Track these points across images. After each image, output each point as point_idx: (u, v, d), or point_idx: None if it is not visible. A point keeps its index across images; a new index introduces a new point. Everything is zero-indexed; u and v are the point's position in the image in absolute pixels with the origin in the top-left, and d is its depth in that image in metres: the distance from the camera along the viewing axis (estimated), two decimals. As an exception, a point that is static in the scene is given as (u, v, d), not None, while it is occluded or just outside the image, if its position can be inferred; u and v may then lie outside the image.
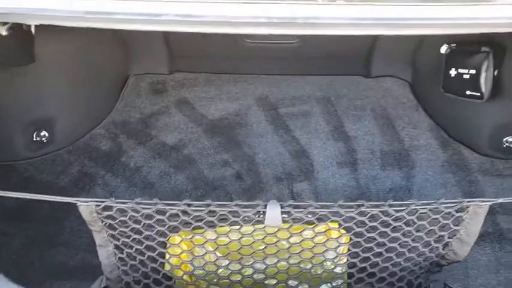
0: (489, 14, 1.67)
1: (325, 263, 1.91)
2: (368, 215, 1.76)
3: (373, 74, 3.22)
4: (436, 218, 1.77)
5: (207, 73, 3.24)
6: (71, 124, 2.80)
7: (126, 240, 1.83)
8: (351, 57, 3.21)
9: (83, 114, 2.86)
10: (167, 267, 1.92)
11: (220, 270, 1.92)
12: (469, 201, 1.74)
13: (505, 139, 2.66)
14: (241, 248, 1.85)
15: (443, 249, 1.87)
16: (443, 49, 2.65)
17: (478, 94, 2.51)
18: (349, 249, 1.88)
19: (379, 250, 1.85)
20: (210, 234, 1.84)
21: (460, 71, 2.56)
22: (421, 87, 3.08)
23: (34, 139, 2.69)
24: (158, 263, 1.89)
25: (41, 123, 2.70)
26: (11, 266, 2.24)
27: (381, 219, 1.77)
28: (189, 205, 1.74)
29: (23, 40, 2.33)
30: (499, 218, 2.40)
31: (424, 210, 1.75)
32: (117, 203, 1.73)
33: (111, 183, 2.60)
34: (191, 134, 2.87)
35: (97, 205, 1.73)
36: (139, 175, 2.64)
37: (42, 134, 2.69)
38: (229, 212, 1.75)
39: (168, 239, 1.86)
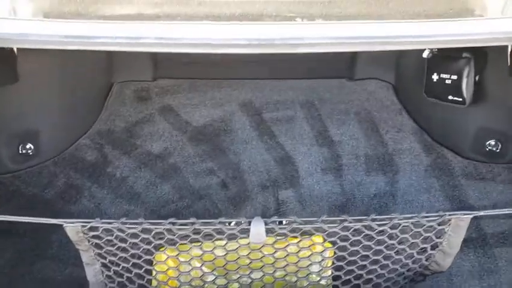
0: (470, 30, 1.68)
1: (310, 276, 1.94)
2: (351, 230, 1.78)
3: (356, 76, 3.24)
4: (419, 231, 1.80)
5: (191, 79, 3.25)
6: (56, 135, 2.80)
7: (113, 258, 1.84)
8: (334, 60, 3.22)
9: (68, 125, 2.86)
10: (154, 283, 1.94)
11: (206, 285, 1.94)
12: (450, 215, 1.77)
13: (487, 143, 2.69)
14: (226, 263, 1.87)
15: (426, 260, 1.90)
16: (426, 54, 2.66)
17: (460, 99, 2.54)
18: (333, 262, 1.90)
19: (363, 263, 1.88)
20: (196, 251, 1.86)
21: (442, 76, 2.58)
22: (405, 90, 3.10)
23: (20, 152, 2.68)
24: (145, 280, 1.91)
25: (26, 136, 2.69)
26: (1, 279, 2.25)
27: (364, 233, 1.79)
28: (173, 223, 1.75)
29: (6, 61, 2.34)
30: (482, 222, 2.43)
31: (407, 224, 1.78)
32: (103, 223, 1.74)
33: (97, 195, 2.60)
34: (176, 143, 2.88)
35: (83, 226, 1.74)
36: (125, 186, 2.65)
37: (27, 146, 2.69)
38: (214, 229, 1.76)
39: (155, 257, 1.87)
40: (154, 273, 1.92)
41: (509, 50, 2.35)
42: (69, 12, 1.73)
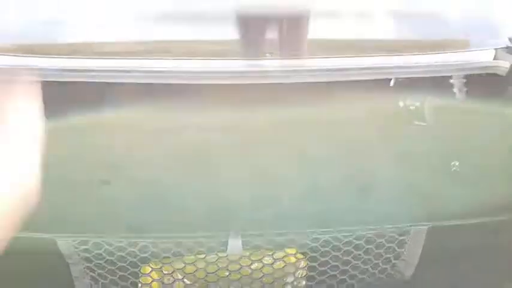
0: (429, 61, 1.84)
1: (285, 287, 2.08)
2: (320, 241, 1.94)
3: None
4: (381, 242, 1.96)
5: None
6: None
7: (101, 271, 1.98)
8: None
9: None
10: (139, 295, 2.07)
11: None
12: (410, 225, 1.93)
13: (452, 163, 2.84)
14: (207, 275, 2.02)
15: (391, 269, 2.05)
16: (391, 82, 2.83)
17: (424, 124, 2.70)
18: (306, 273, 2.05)
19: (334, 273, 2.02)
20: (178, 264, 2.00)
21: (407, 102, 2.75)
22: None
23: None
24: (131, 292, 2.05)
25: None
26: None
27: (332, 245, 1.95)
28: (157, 237, 1.90)
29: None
30: (447, 233, 2.53)
31: (370, 235, 1.94)
32: (93, 236, 1.88)
33: None
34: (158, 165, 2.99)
35: (74, 240, 1.87)
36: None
37: None
38: (195, 242, 1.91)
39: (140, 269, 2.01)
40: (139, 285, 2.05)
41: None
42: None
